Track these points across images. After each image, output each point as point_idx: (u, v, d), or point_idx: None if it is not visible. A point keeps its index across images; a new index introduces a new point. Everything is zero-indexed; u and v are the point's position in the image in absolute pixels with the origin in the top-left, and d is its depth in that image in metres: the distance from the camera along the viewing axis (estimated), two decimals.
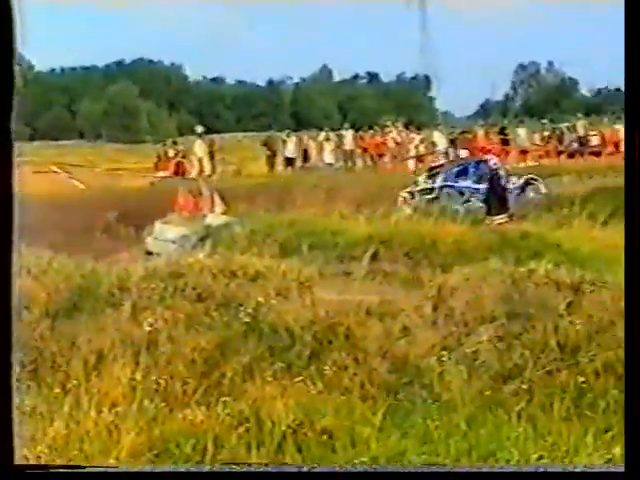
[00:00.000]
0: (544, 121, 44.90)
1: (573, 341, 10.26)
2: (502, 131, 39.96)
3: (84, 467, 4.07)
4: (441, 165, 24.33)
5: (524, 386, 9.70)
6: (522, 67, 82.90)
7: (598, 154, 36.58)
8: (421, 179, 22.63)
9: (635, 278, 3.50)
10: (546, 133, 40.47)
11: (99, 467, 4.68)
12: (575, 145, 38.28)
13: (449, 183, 21.80)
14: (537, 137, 40.00)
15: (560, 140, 39.17)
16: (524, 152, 37.06)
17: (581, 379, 9.66)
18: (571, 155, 37.10)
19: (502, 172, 22.16)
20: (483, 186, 21.09)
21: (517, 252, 14.77)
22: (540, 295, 11.54)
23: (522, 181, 22.20)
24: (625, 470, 3.57)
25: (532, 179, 22.56)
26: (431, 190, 21.61)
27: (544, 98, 75.66)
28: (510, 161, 33.06)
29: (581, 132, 39.87)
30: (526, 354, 10.17)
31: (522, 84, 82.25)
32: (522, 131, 40.91)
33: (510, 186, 21.53)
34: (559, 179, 26.06)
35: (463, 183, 21.81)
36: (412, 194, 21.70)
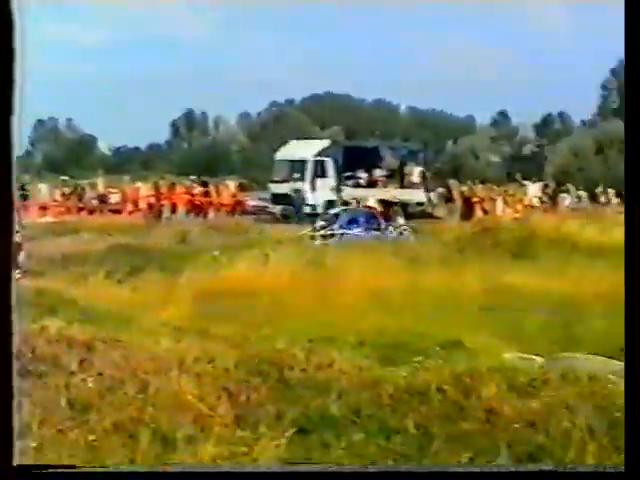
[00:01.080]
0: (64, 177, 45.02)
1: (84, 399, 10.28)
2: (22, 187, 39.46)
3: (83, 467, 3.93)
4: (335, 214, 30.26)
5: (34, 444, 9.57)
6: (41, 123, 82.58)
7: (119, 212, 37.19)
8: (319, 225, 28.75)
9: (635, 281, 3.60)
10: (67, 189, 40.51)
11: (99, 467, 4.27)
12: (95, 202, 38.68)
13: (346, 230, 28.01)
14: (58, 193, 39.90)
15: (80, 197, 39.36)
16: (45, 208, 36.83)
17: (91, 437, 9.69)
18: (91, 212, 37.38)
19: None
20: (373, 233, 28.07)
21: (32, 309, 14.61)
22: (52, 353, 11.48)
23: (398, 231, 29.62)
24: (625, 470, 3.60)
25: (404, 229, 29.96)
26: (332, 235, 27.60)
27: (64, 154, 75.77)
28: (31, 217, 32.67)
29: (101, 189, 40.37)
30: (36, 412, 10.05)
31: (41, 140, 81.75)
32: (43, 186, 40.67)
33: (388, 234, 28.67)
34: (80, 236, 26.13)
35: (355, 230, 28.16)
36: (313, 237, 27.36)
